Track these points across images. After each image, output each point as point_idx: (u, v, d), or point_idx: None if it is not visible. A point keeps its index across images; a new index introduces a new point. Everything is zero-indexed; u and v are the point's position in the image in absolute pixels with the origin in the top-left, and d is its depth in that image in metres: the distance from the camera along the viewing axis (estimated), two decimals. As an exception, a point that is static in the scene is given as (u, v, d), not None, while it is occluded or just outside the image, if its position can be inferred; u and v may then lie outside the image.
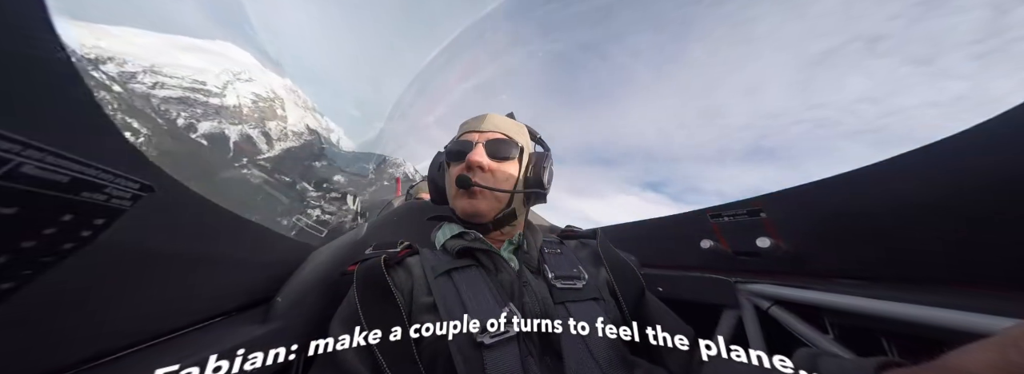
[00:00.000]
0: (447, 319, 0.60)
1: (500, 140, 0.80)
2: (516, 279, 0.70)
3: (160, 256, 0.54)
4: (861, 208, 0.74)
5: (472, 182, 0.73)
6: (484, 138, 0.80)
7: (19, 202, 0.34)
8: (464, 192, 0.76)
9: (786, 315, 0.83)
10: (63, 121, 0.39)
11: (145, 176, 0.46)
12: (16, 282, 0.36)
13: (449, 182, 0.81)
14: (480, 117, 0.85)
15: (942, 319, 0.57)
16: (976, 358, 0.30)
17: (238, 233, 0.74)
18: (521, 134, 0.85)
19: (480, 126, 0.82)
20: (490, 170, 0.76)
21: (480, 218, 0.76)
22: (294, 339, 0.50)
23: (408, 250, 0.80)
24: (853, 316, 0.72)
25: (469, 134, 0.82)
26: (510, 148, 0.80)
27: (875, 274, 0.75)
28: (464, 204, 0.76)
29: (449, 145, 0.85)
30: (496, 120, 0.84)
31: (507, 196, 0.77)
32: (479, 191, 0.75)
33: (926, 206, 0.64)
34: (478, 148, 0.77)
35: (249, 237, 0.77)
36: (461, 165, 0.77)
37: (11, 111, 0.33)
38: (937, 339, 0.60)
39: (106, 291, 0.48)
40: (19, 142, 0.32)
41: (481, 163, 0.75)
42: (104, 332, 0.49)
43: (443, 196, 0.86)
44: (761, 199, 0.93)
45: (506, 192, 0.76)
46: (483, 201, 0.76)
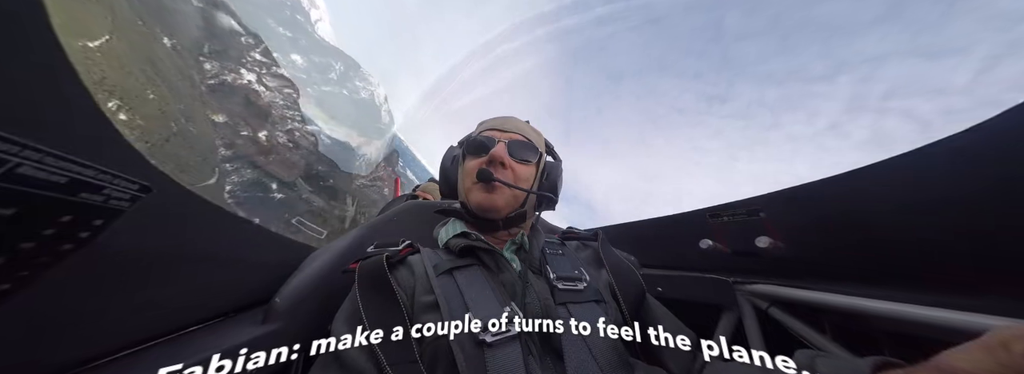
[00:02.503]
0: (449, 317, 0.60)
1: (522, 142, 0.82)
2: (518, 279, 0.70)
3: (160, 257, 0.54)
4: (860, 208, 0.74)
5: (494, 176, 0.74)
6: (507, 137, 0.81)
7: (17, 203, 0.33)
8: (483, 186, 0.76)
9: (785, 315, 0.83)
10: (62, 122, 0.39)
11: (144, 177, 0.46)
12: (15, 283, 0.36)
13: (465, 175, 0.82)
14: (503, 118, 0.87)
15: (939, 319, 0.57)
16: (967, 358, 0.31)
17: (238, 233, 0.74)
18: (540, 141, 0.87)
19: (504, 126, 0.84)
20: (510, 168, 0.77)
21: (495, 213, 0.77)
22: (294, 339, 0.50)
23: (409, 249, 0.80)
24: (852, 316, 0.72)
25: (491, 132, 0.83)
26: (531, 151, 0.82)
27: (873, 274, 0.75)
28: (481, 197, 0.76)
29: (467, 139, 0.85)
30: (519, 123, 0.87)
31: (523, 195, 0.79)
32: (498, 186, 0.75)
33: (924, 206, 0.64)
34: (501, 146, 0.78)
35: (249, 237, 0.77)
36: (481, 159, 0.78)
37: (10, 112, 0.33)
38: (934, 339, 0.60)
39: (107, 291, 0.47)
40: (17, 143, 0.32)
41: (504, 159, 0.76)
42: (105, 332, 0.49)
43: (454, 190, 0.86)
44: (760, 199, 0.93)
45: (525, 191, 0.77)
46: (500, 197, 0.76)
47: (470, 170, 0.79)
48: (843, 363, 0.47)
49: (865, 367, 0.42)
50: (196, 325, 0.67)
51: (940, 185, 0.62)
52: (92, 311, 0.46)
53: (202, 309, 0.67)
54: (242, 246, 0.75)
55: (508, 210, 0.78)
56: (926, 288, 0.65)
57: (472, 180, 0.77)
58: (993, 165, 0.55)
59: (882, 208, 0.71)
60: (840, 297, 0.72)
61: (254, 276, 0.83)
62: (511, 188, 0.75)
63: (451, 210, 0.87)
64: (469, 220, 0.82)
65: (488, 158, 0.76)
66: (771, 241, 0.88)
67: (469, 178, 0.78)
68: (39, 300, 0.39)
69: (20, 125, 0.33)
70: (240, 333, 0.67)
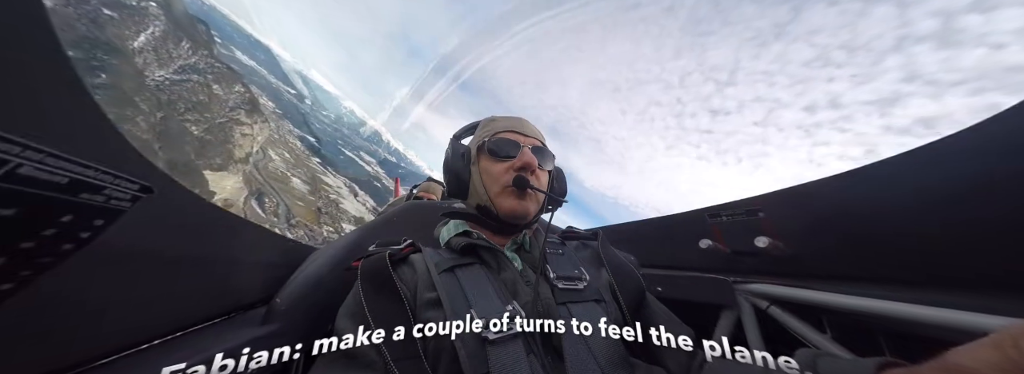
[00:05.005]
0: (452, 314, 0.61)
1: (541, 148, 0.82)
2: (519, 278, 0.70)
3: (161, 257, 0.54)
4: (859, 208, 0.75)
5: (531, 184, 0.75)
6: (529, 143, 0.81)
7: (18, 203, 0.33)
8: (516, 191, 0.76)
9: (785, 315, 0.83)
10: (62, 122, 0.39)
11: (144, 177, 0.46)
12: (15, 283, 0.36)
13: (489, 178, 0.79)
14: (518, 120, 0.86)
15: (940, 318, 0.57)
16: (975, 356, 0.30)
17: (238, 234, 0.74)
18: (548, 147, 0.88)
19: (523, 129, 0.83)
20: (537, 175, 0.79)
21: (524, 219, 0.78)
22: (295, 338, 0.50)
23: (411, 247, 0.80)
24: (851, 316, 0.72)
25: (511, 134, 0.82)
26: (549, 158, 0.83)
27: (873, 274, 0.75)
28: (514, 204, 0.76)
29: (486, 139, 0.82)
30: (534, 128, 0.86)
31: (544, 201, 0.80)
32: (530, 193, 0.76)
33: (924, 206, 0.64)
34: (527, 151, 0.77)
35: (249, 238, 0.77)
36: (507, 163, 0.77)
37: (10, 112, 0.33)
38: (935, 338, 0.60)
39: (108, 291, 0.47)
40: (18, 143, 0.32)
41: (535, 167, 0.76)
42: (107, 332, 0.49)
43: (462, 188, 0.82)
44: (759, 199, 0.93)
45: (557, 198, 0.80)
46: (532, 204, 0.78)
47: (497, 174, 0.77)
48: (845, 363, 0.47)
49: (868, 367, 0.42)
50: (197, 325, 0.67)
51: (940, 185, 0.62)
52: (93, 311, 0.46)
53: (203, 309, 0.67)
54: (243, 246, 0.75)
55: (533, 216, 0.79)
56: (926, 288, 0.66)
57: (503, 185, 0.76)
58: (993, 164, 0.55)
59: (882, 208, 0.71)
60: (840, 296, 0.72)
61: (255, 276, 0.83)
62: (542, 195, 0.77)
63: (464, 213, 0.84)
64: (484, 222, 0.81)
65: (522, 165, 0.76)
66: (770, 241, 0.88)
67: (497, 183, 0.77)
68: (40, 300, 0.39)
69: (21, 125, 0.33)
70: (242, 333, 0.67)
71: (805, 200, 0.85)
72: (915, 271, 0.68)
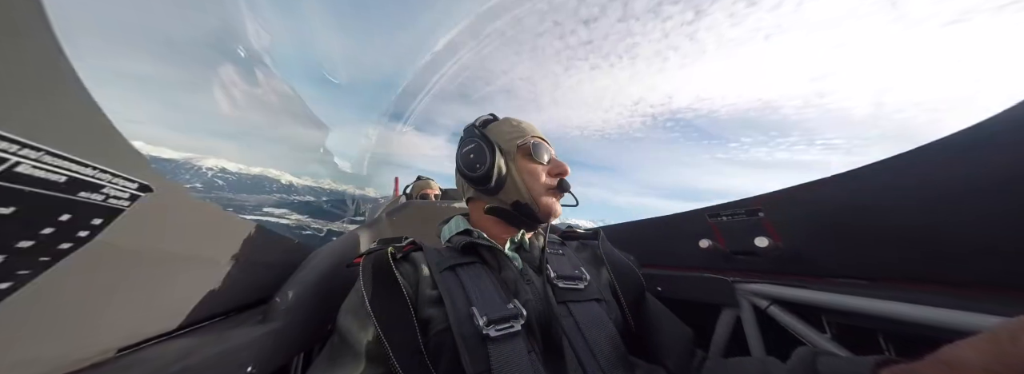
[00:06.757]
0: (453, 311, 0.61)
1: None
2: (519, 277, 0.71)
3: (160, 256, 0.54)
4: (859, 208, 0.75)
5: (570, 188, 0.83)
6: (553, 151, 0.88)
7: (16, 202, 0.33)
8: (557, 193, 0.83)
9: (784, 314, 0.83)
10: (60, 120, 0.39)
11: (143, 176, 0.46)
12: (13, 282, 0.36)
13: (531, 177, 0.81)
14: (534, 126, 0.90)
15: (940, 318, 0.57)
16: (971, 350, 0.30)
17: (237, 233, 0.74)
18: None
19: (545, 137, 0.89)
20: None
21: (554, 218, 0.84)
22: (295, 338, 0.50)
23: (412, 245, 0.80)
24: (851, 315, 0.72)
25: (542, 141, 0.87)
26: None
27: (873, 273, 0.75)
28: (553, 203, 0.82)
29: (526, 141, 0.83)
30: None
31: None
32: (563, 196, 0.85)
33: (924, 205, 0.64)
34: (561, 161, 0.86)
35: (249, 237, 0.77)
36: (550, 166, 0.84)
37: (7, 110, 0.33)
38: (934, 338, 0.60)
39: (106, 291, 0.47)
40: (15, 142, 0.32)
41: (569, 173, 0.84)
42: (106, 332, 0.49)
43: (498, 182, 0.80)
44: (759, 199, 0.93)
45: (577, 203, 0.89)
46: (560, 206, 0.85)
47: (539, 175, 0.82)
48: (844, 361, 0.47)
49: (867, 365, 0.42)
50: (197, 324, 0.67)
51: (940, 184, 0.62)
52: (91, 310, 0.46)
53: (202, 308, 0.67)
54: (242, 246, 0.75)
55: None
56: (926, 288, 0.66)
57: (547, 187, 0.81)
58: (994, 164, 0.55)
59: (881, 207, 0.71)
60: (839, 296, 0.73)
61: (254, 276, 0.83)
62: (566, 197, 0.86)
63: (503, 210, 0.82)
64: (515, 217, 0.81)
65: (561, 171, 0.83)
66: (770, 241, 0.88)
67: (539, 183, 0.81)
68: (38, 299, 0.39)
69: (18, 124, 0.33)
70: (241, 332, 0.67)
71: (805, 200, 0.85)
72: (915, 271, 0.68)
